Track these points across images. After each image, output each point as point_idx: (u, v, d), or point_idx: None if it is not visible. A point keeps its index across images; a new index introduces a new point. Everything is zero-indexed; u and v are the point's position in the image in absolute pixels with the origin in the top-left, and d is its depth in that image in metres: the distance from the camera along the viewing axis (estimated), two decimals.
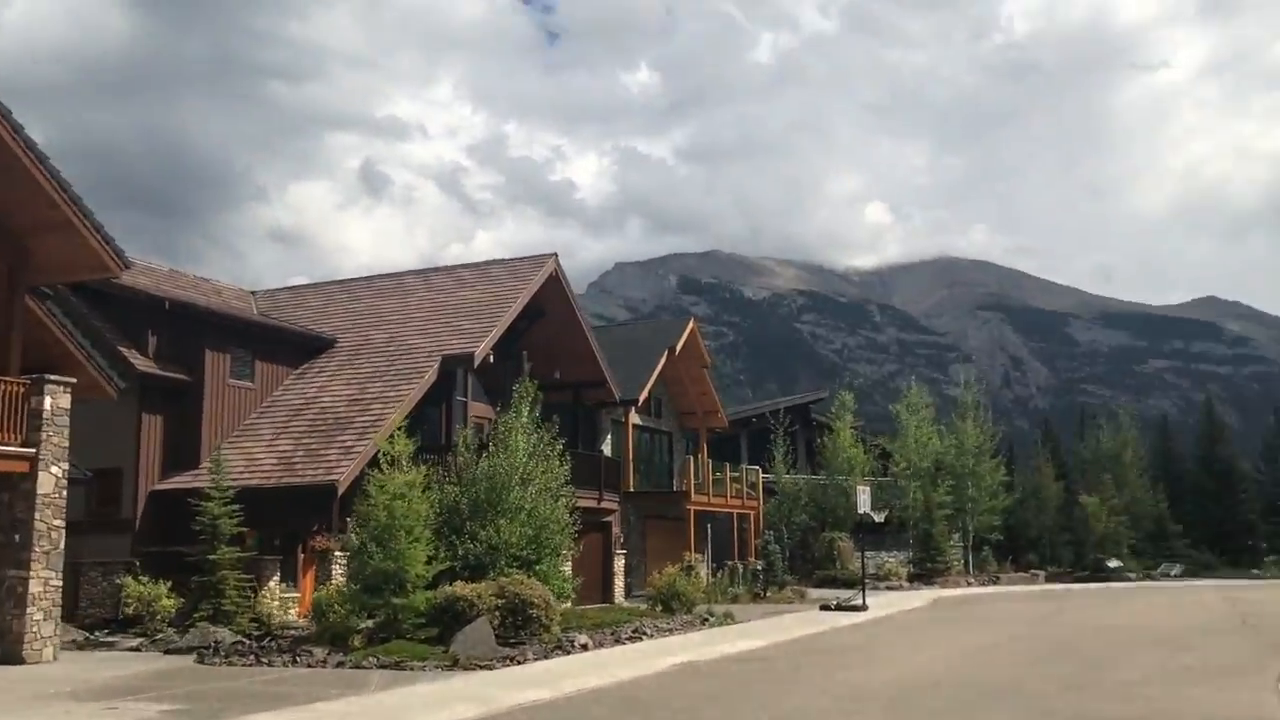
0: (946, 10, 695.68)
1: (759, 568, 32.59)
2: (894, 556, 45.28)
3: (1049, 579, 45.89)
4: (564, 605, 22.39)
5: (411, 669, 15.30)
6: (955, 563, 45.77)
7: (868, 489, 28.83)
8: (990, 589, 39.49)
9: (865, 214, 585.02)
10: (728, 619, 22.70)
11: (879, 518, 29.95)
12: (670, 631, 20.32)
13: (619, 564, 31.28)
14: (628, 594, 31.16)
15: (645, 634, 19.49)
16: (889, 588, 38.60)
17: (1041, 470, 55.21)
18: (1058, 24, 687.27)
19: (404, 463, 18.55)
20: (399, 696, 12.80)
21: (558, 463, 21.96)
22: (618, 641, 18.58)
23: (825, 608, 27.23)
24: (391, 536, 17.60)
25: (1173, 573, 49.54)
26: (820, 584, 38.37)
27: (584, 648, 17.39)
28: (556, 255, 29.35)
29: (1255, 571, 51.21)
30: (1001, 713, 11.06)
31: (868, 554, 46.29)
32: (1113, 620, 23.44)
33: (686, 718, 11.37)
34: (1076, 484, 55.33)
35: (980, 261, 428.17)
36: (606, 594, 30.47)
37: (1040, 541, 54.08)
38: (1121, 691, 12.46)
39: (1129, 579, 45.57)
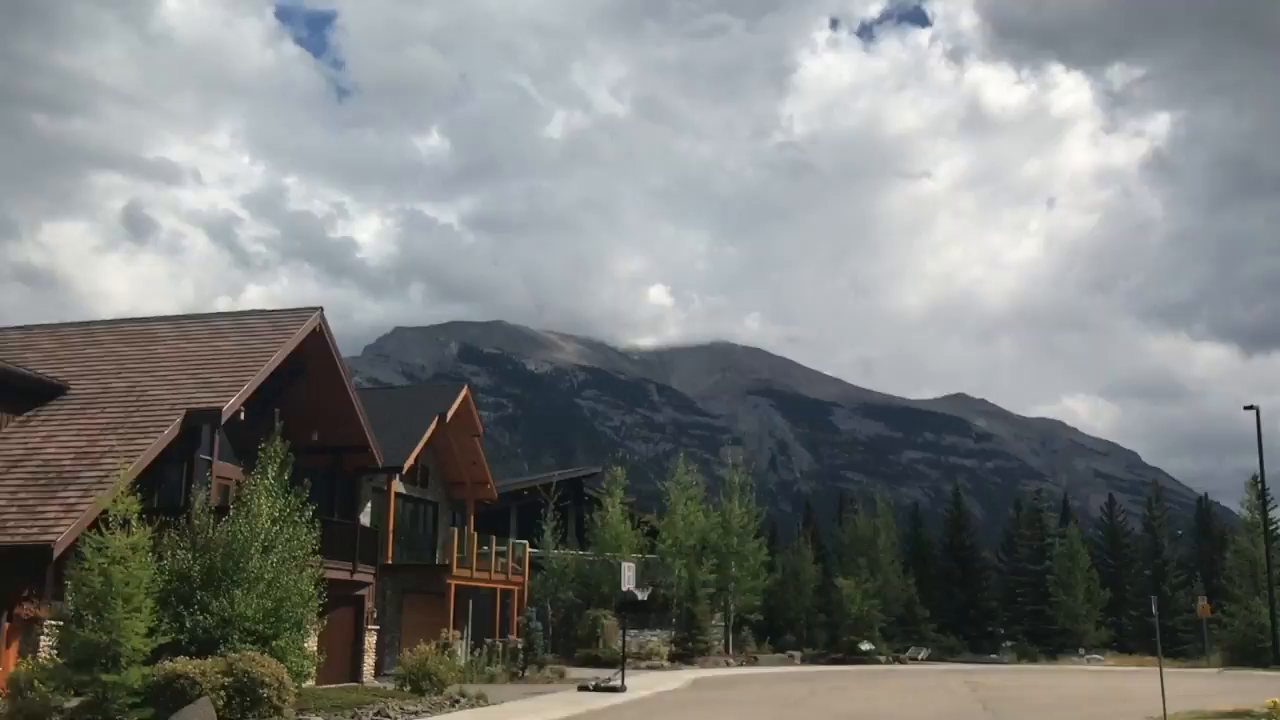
0: (732, 106, 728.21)
1: (519, 646, 31.58)
2: (657, 636, 45.12)
3: (805, 660, 46.75)
4: (307, 684, 20.87)
5: None
6: (716, 643, 46.05)
7: (632, 566, 28.49)
8: (749, 670, 39.75)
9: (648, 295, 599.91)
10: (480, 700, 21.67)
11: (642, 595, 29.63)
12: (416, 714, 19.12)
13: (370, 641, 29.63)
14: (378, 673, 29.51)
15: (388, 716, 18.25)
16: (650, 667, 38.24)
17: (801, 552, 56.67)
18: (833, 129, 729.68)
19: (133, 524, 16.82)
20: None
21: (305, 530, 20.49)
22: None
23: (584, 688, 26.52)
24: (107, 605, 15.83)
25: (920, 656, 51.44)
26: (583, 663, 37.65)
27: None
28: (322, 309, 27.93)
29: (994, 657, 53.89)
30: None
31: (631, 633, 45.98)
32: (862, 706, 23.73)
33: None
34: (834, 567, 57.01)
35: (753, 348, 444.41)
36: (355, 673, 28.77)
37: (798, 623, 55.32)
38: None
39: (880, 661, 46.95)
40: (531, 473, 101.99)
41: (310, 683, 24.27)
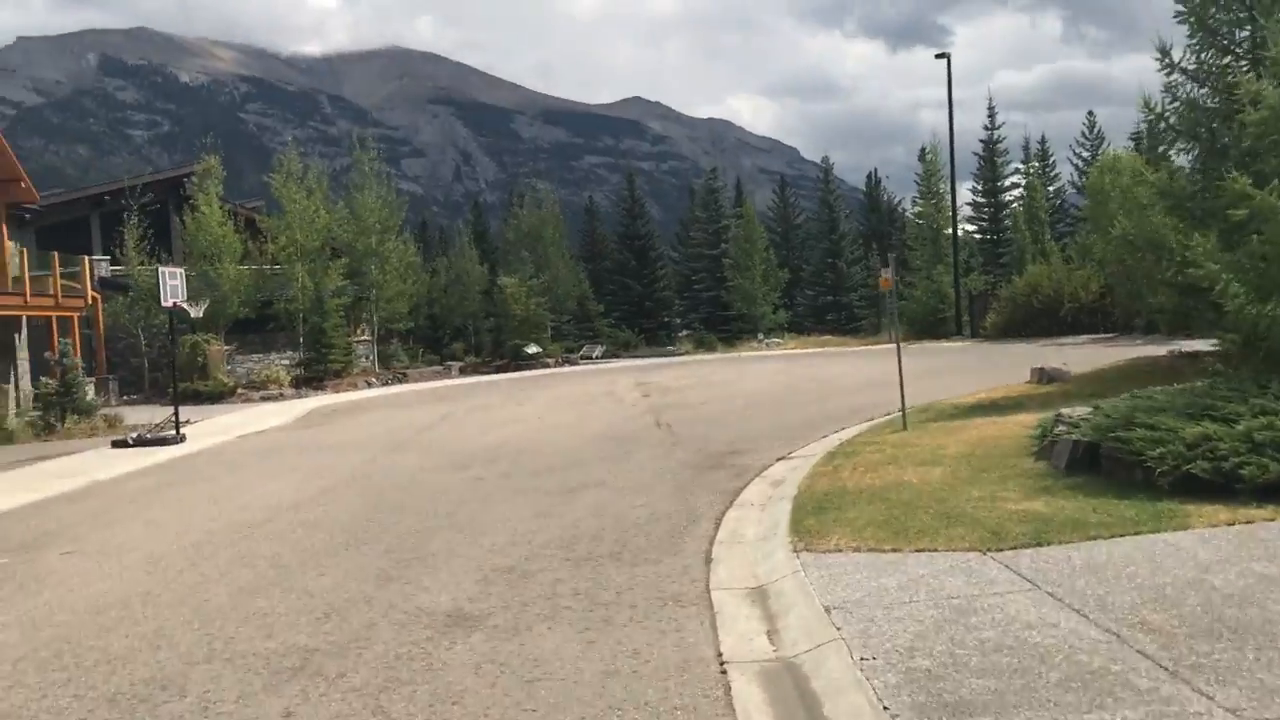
0: None
1: (52, 389, 23.35)
2: (286, 358, 37.81)
3: (464, 370, 40.92)
4: None
5: None
6: (364, 360, 39.39)
7: (179, 272, 20.48)
8: (390, 390, 33.35)
9: None
10: None
11: (195, 311, 21.93)
12: None
13: None
14: None
15: None
16: (265, 398, 31.18)
17: (465, 252, 50.14)
18: None
19: None
20: None
21: None
22: None
23: (120, 444, 18.96)
24: None
25: (595, 354, 47.02)
26: (182, 400, 29.96)
27: None
28: None
29: (671, 349, 50.36)
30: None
31: (255, 358, 38.47)
32: (494, 435, 17.59)
33: None
34: (501, 267, 51.01)
35: (430, 54, 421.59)
36: None
37: (465, 330, 49.56)
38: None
39: (547, 365, 41.92)
40: None
41: None
